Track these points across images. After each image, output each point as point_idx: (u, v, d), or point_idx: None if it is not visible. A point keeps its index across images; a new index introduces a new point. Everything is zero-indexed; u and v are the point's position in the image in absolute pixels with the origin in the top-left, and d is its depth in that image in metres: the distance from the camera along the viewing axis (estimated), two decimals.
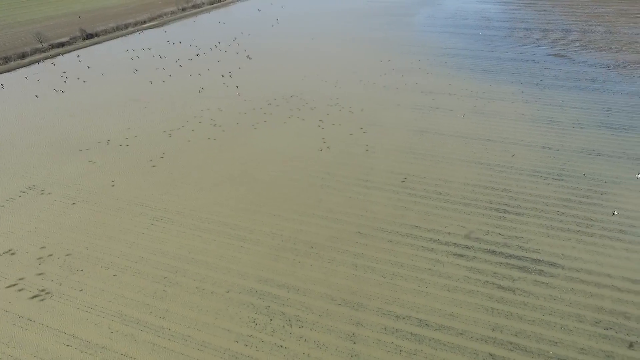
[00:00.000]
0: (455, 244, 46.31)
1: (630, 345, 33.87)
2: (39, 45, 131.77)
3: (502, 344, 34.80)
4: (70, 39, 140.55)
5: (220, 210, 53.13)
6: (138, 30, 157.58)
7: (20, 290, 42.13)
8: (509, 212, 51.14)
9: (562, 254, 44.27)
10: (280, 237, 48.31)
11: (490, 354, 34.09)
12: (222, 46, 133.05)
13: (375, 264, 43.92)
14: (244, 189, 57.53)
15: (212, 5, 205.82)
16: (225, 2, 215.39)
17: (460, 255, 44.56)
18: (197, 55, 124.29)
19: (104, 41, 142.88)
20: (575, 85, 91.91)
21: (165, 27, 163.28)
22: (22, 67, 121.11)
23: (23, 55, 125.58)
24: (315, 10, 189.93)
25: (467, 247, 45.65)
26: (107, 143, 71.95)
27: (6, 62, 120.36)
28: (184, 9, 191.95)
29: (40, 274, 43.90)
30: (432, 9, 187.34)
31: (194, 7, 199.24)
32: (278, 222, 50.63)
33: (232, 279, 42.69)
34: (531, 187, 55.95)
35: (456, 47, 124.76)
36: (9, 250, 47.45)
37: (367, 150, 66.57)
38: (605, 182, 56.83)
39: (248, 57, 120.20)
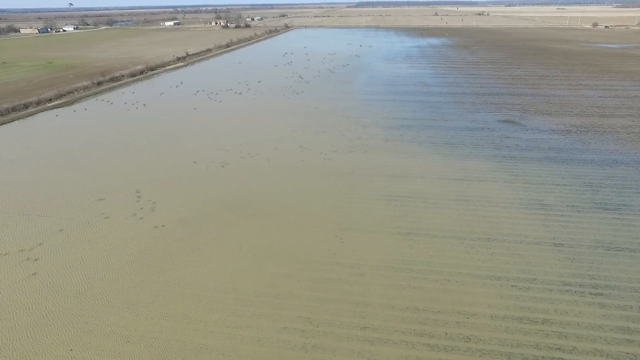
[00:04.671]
0: None
1: None
2: None
3: None
4: None
5: None
6: (41, 111, 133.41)
7: None
8: None
9: None
10: None
11: None
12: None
13: None
14: None
15: (133, 78, 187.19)
16: (147, 74, 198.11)
17: None
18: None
19: None
20: (544, 156, 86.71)
21: (76, 106, 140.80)
22: None
23: None
24: (250, 85, 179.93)
25: None
26: None
27: None
28: (99, 83, 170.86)
29: None
30: (367, 75, 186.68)
31: (111, 80, 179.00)
32: None
33: None
34: (573, 313, 43.43)
35: (406, 117, 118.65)
36: None
37: (353, 273, 50.69)
38: None
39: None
